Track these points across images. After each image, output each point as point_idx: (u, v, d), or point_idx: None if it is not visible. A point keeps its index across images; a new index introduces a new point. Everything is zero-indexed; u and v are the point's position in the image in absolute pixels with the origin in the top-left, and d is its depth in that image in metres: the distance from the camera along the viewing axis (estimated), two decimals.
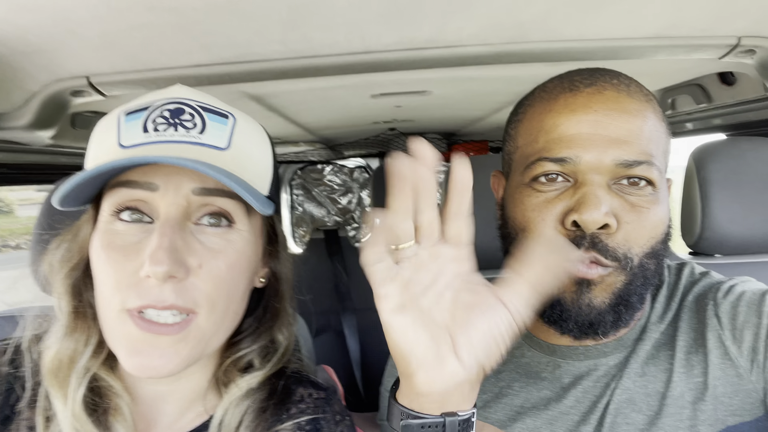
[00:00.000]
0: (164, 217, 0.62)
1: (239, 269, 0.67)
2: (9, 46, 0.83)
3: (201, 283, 0.63)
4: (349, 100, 1.64)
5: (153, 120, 0.64)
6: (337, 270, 2.47)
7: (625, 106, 0.70)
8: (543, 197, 0.71)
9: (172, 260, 0.59)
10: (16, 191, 8.12)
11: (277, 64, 1.03)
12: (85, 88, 1.02)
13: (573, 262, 0.68)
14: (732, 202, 1.21)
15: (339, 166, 4.01)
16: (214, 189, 0.64)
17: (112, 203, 0.64)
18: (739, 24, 0.94)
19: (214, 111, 0.67)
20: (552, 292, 0.71)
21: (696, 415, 0.69)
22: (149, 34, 0.84)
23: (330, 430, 0.75)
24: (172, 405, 0.72)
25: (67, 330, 0.67)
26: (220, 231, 0.65)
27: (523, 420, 0.78)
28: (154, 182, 0.63)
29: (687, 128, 1.87)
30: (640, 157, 0.68)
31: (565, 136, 0.70)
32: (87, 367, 0.66)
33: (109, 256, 0.62)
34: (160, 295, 0.60)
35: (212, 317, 0.65)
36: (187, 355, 0.63)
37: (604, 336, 0.71)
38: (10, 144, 1.19)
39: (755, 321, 0.70)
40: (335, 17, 0.83)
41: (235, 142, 0.67)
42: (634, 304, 0.71)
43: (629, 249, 0.68)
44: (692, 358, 0.73)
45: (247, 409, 0.71)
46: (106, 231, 0.63)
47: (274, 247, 0.77)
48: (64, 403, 0.64)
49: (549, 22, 0.90)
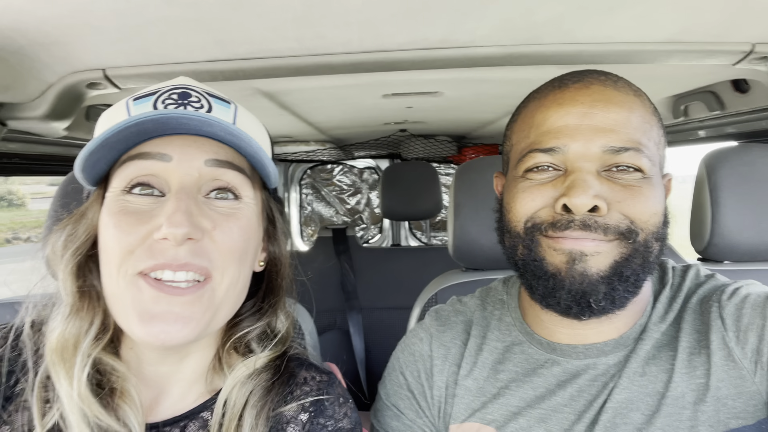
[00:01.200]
0: (178, 186, 0.64)
1: (249, 234, 0.70)
2: (28, 38, 0.85)
3: (215, 245, 0.65)
4: (361, 99, 1.65)
5: (162, 101, 0.66)
6: (344, 268, 2.48)
7: (611, 98, 0.72)
8: (534, 183, 0.74)
9: (190, 222, 0.61)
10: (29, 184, 8.22)
11: (291, 61, 1.04)
12: (101, 80, 1.04)
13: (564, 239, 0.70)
14: (742, 209, 1.20)
15: (348, 167, 4.03)
16: (225, 161, 0.67)
17: (123, 178, 0.65)
18: (753, 31, 0.94)
19: (218, 97, 0.70)
20: (546, 269, 0.71)
21: (697, 416, 0.69)
22: (165, 28, 0.86)
23: (334, 411, 0.76)
24: (174, 386, 0.74)
25: (72, 310, 0.68)
26: (228, 203, 0.68)
27: (517, 420, 0.78)
28: (168, 153, 0.65)
29: (699, 136, 1.86)
30: (628, 144, 0.69)
31: (553, 128, 0.72)
32: (90, 349, 0.67)
33: (120, 220, 0.63)
34: (175, 255, 0.62)
35: (225, 281, 0.67)
36: (200, 318, 0.65)
37: (599, 311, 0.71)
38: (25, 134, 1.21)
39: (759, 323, 0.70)
40: (349, 15, 0.84)
41: (239, 123, 0.70)
42: (628, 279, 0.71)
43: (632, 222, 0.69)
44: (695, 359, 0.73)
45: (253, 388, 0.72)
46: (117, 200, 0.65)
47: (273, 230, 0.80)
48: (69, 384, 0.64)
49: (563, 24, 0.91)
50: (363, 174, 4.04)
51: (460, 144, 3.10)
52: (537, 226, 0.72)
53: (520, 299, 0.87)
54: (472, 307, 0.92)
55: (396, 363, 0.91)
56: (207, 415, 0.72)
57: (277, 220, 0.80)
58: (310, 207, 4.05)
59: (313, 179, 4.03)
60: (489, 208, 0.90)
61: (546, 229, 0.71)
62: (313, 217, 4.05)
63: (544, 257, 0.72)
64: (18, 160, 1.39)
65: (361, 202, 4.07)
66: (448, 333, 0.89)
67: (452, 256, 1.31)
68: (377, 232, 4.06)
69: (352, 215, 4.07)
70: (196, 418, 0.72)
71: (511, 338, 0.84)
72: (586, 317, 0.73)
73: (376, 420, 0.90)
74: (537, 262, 0.73)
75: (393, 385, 0.89)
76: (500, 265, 0.81)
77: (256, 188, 0.72)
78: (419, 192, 2.50)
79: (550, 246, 0.71)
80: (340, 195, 4.06)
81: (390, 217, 2.63)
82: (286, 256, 0.81)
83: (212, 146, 0.66)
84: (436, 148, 3.05)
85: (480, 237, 1.24)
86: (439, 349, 0.87)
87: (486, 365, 0.83)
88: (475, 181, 1.26)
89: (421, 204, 2.50)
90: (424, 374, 0.87)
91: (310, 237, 4.05)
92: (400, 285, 2.44)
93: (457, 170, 1.32)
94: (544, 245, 0.72)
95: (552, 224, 0.70)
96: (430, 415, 0.86)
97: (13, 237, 11.32)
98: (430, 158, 3.29)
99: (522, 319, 0.85)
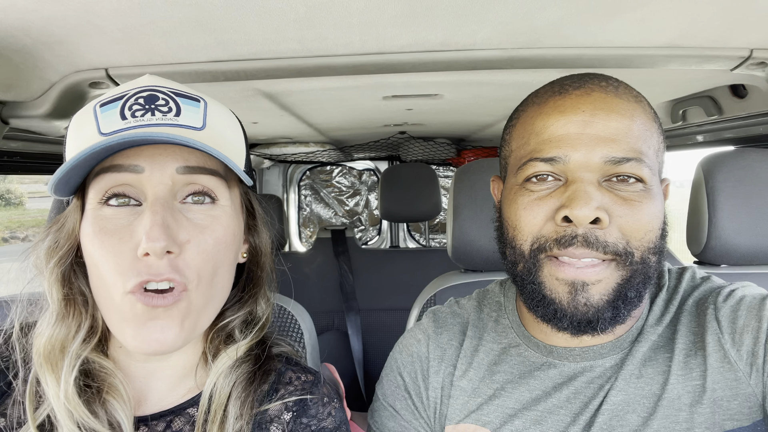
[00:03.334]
0: (153, 197, 0.65)
1: (225, 243, 0.70)
2: (32, 37, 0.85)
3: (190, 258, 0.66)
4: (361, 101, 1.65)
5: (129, 107, 0.66)
6: (342, 269, 2.48)
7: (612, 106, 0.71)
8: (535, 196, 0.73)
9: (167, 236, 0.62)
10: (26, 183, 8.20)
11: (292, 62, 1.04)
12: (104, 79, 1.04)
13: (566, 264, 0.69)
14: (739, 213, 1.20)
15: (348, 168, 4.03)
16: (197, 167, 0.67)
17: (98, 190, 0.66)
18: (752, 36, 0.94)
19: (185, 96, 0.70)
20: (545, 294, 0.71)
21: (693, 418, 0.69)
22: (168, 28, 0.86)
23: (317, 410, 0.77)
24: (161, 381, 0.75)
25: (59, 317, 0.69)
26: (204, 208, 0.69)
27: (513, 421, 0.78)
28: (139, 164, 0.65)
29: (697, 140, 1.87)
30: (629, 154, 0.69)
31: (554, 137, 0.71)
32: (79, 351, 0.68)
33: (102, 241, 0.64)
34: (157, 269, 0.63)
35: (200, 289, 0.67)
36: (189, 327, 0.66)
37: (602, 332, 0.71)
38: (26, 133, 1.21)
39: (755, 325, 0.70)
40: (351, 17, 0.85)
41: (210, 123, 0.70)
42: (632, 300, 0.71)
43: (628, 242, 0.69)
44: (691, 361, 0.73)
45: (236, 380, 0.73)
46: (96, 217, 0.66)
47: (253, 222, 0.80)
48: (57, 387, 0.66)
49: (563, 28, 0.91)
50: (362, 176, 4.04)
51: (459, 147, 3.10)
52: (542, 247, 0.71)
53: (517, 302, 0.87)
54: (468, 309, 0.92)
55: (393, 364, 0.91)
56: (193, 411, 0.73)
57: (256, 211, 0.80)
58: (308, 208, 4.05)
59: (312, 180, 4.04)
60: (488, 209, 0.90)
61: (551, 247, 0.70)
62: (311, 218, 4.06)
63: (544, 282, 0.71)
64: (19, 158, 1.39)
65: (359, 203, 4.07)
66: (445, 334, 0.89)
67: (451, 257, 1.32)
68: (376, 234, 4.06)
69: (351, 217, 4.07)
70: (182, 414, 0.73)
71: (508, 340, 0.85)
72: (588, 336, 0.73)
73: (373, 420, 0.90)
74: (535, 285, 0.72)
75: (390, 386, 0.90)
76: (499, 266, 0.82)
77: (232, 186, 0.73)
78: (418, 193, 2.51)
79: (552, 274, 0.70)
80: (339, 196, 4.06)
81: (389, 219, 2.64)
82: (267, 245, 0.82)
83: (182, 152, 0.67)
84: (435, 151, 3.06)
85: (479, 238, 1.24)
86: (436, 351, 0.88)
87: (482, 366, 0.84)
88: (474, 182, 1.27)
89: (420, 206, 2.50)
90: (421, 375, 0.87)
91: (309, 238, 4.05)
92: (398, 286, 2.44)
93: (456, 172, 1.32)
94: (546, 272, 0.71)
95: (557, 241, 0.69)
96: (426, 416, 0.86)
97: (10, 236, 11.27)
98: (429, 160, 3.30)
99: (519, 322, 0.85)
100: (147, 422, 0.72)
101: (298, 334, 1.11)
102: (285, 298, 1.14)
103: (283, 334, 1.10)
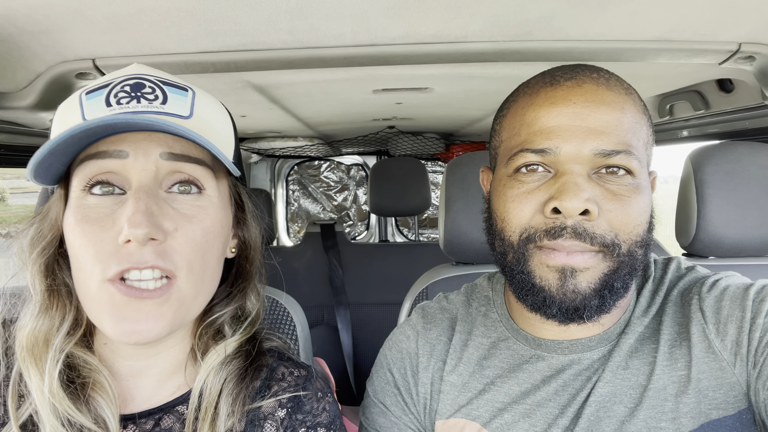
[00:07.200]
0: (137, 184, 0.63)
1: (213, 233, 0.69)
2: (17, 26, 0.83)
3: (178, 246, 0.64)
4: (351, 94, 1.64)
5: (115, 95, 0.65)
6: (332, 264, 2.47)
7: (603, 98, 0.71)
8: (524, 188, 0.73)
9: (150, 222, 0.61)
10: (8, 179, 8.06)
11: (283, 54, 1.03)
12: (91, 70, 1.02)
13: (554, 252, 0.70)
14: (727, 205, 1.22)
15: (336, 163, 4.02)
16: (182, 155, 0.66)
17: (82, 177, 0.64)
18: (740, 30, 0.95)
19: (173, 84, 0.69)
20: (535, 283, 0.71)
21: (678, 408, 0.70)
22: (157, 18, 0.85)
23: (312, 406, 0.76)
24: (149, 379, 0.73)
25: (42, 308, 0.68)
26: (190, 198, 0.67)
27: (502, 415, 0.78)
28: (123, 149, 0.64)
29: (684, 135, 1.89)
30: (619, 147, 0.69)
31: (545, 128, 0.71)
32: (63, 345, 0.67)
33: (84, 229, 0.63)
34: (140, 257, 0.61)
35: (191, 280, 0.66)
36: (171, 317, 0.65)
37: (588, 320, 0.71)
38: (10, 125, 1.19)
39: (739, 315, 0.71)
40: (343, 8, 0.84)
41: (197, 112, 0.69)
42: (618, 290, 0.71)
43: (616, 235, 0.69)
44: (676, 352, 0.74)
45: (227, 376, 0.72)
46: (79, 206, 0.64)
47: (242, 215, 0.79)
48: (40, 381, 0.64)
49: (554, 21, 0.91)
50: (350, 171, 4.03)
51: (448, 141, 3.10)
52: (531, 237, 0.71)
53: (506, 296, 0.88)
54: (457, 304, 0.92)
55: (383, 360, 0.91)
56: (183, 408, 0.72)
57: (246, 204, 0.79)
58: (296, 203, 4.04)
59: (300, 175, 4.02)
60: (480, 202, 0.90)
61: (540, 238, 0.70)
62: (299, 213, 4.04)
63: (533, 270, 0.72)
64: (3, 151, 1.37)
65: (348, 198, 4.06)
66: (434, 330, 0.89)
67: (443, 250, 1.32)
68: (364, 229, 4.06)
69: (339, 212, 4.06)
70: (171, 412, 0.72)
71: (497, 334, 0.85)
72: (575, 325, 0.74)
73: (365, 417, 0.90)
74: (525, 274, 0.72)
75: (380, 382, 0.90)
76: (491, 259, 0.81)
77: (220, 177, 0.72)
78: (408, 188, 2.51)
79: (542, 262, 0.71)
80: (327, 191, 4.05)
81: (378, 213, 2.64)
82: (256, 239, 0.81)
83: (167, 139, 0.65)
84: (423, 146, 3.06)
85: (471, 231, 1.25)
86: (425, 346, 0.88)
87: (471, 361, 0.84)
88: (466, 175, 1.27)
89: (410, 200, 2.51)
90: (411, 371, 0.87)
91: (297, 233, 4.04)
92: (388, 281, 2.45)
93: (448, 165, 1.32)
94: (536, 260, 0.71)
95: (546, 232, 0.70)
96: (416, 411, 0.86)
97: None
98: (418, 155, 3.30)
99: (508, 315, 0.85)
100: (135, 420, 0.70)
101: (291, 328, 1.10)
102: (277, 291, 1.14)
103: (275, 327, 1.10)
